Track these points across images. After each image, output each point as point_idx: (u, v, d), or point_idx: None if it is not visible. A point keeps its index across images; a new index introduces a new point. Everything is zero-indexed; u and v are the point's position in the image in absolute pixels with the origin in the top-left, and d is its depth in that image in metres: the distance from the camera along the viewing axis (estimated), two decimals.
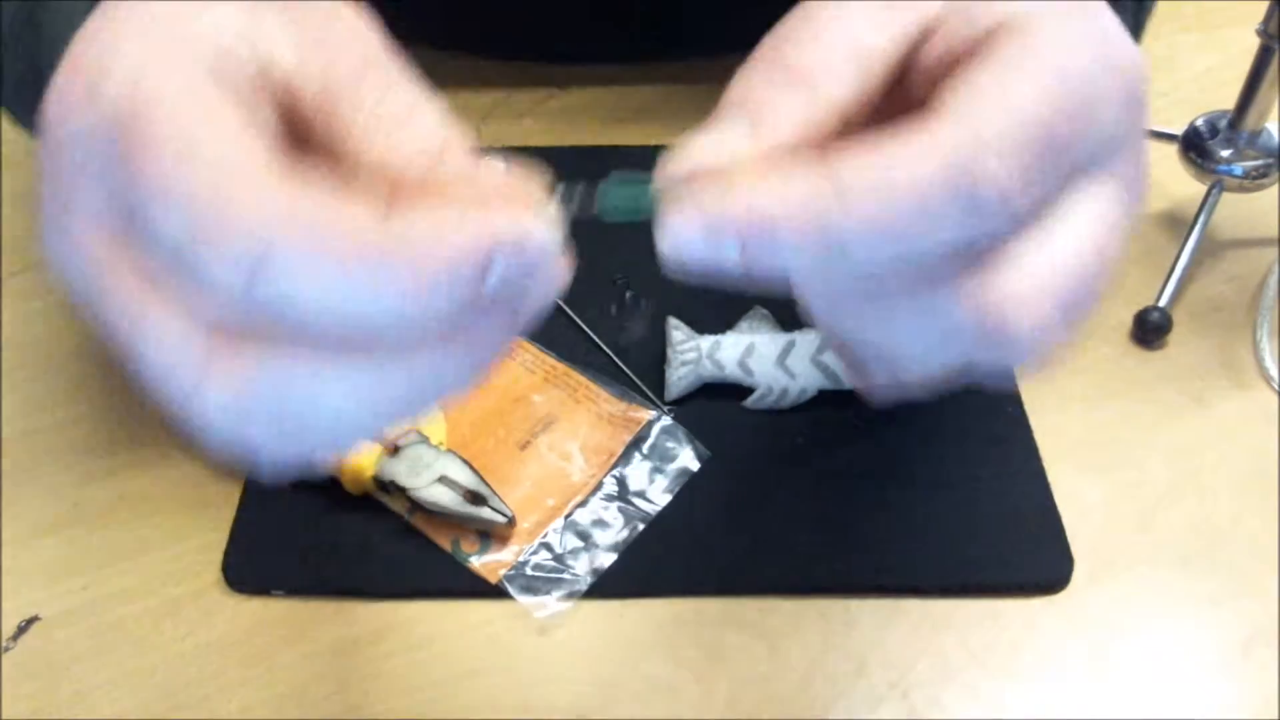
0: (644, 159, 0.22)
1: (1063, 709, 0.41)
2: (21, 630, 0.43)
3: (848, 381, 0.29)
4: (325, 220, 0.21)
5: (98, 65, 0.23)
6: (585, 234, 0.23)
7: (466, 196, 0.22)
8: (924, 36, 0.25)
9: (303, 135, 0.24)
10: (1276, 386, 0.51)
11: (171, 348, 0.23)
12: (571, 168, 0.24)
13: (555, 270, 0.23)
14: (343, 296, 0.21)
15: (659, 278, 0.24)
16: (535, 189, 0.23)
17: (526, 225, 0.21)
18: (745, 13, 0.63)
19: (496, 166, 0.23)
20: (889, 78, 0.24)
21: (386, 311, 0.21)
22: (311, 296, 0.21)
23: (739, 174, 0.22)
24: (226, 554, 0.45)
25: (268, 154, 0.22)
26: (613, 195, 0.23)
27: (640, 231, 0.23)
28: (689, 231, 0.22)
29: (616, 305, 0.53)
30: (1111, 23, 0.24)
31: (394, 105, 0.23)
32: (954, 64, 0.24)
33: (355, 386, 0.22)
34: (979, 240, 0.22)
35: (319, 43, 0.24)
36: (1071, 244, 0.24)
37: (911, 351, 0.25)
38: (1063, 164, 0.23)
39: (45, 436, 0.50)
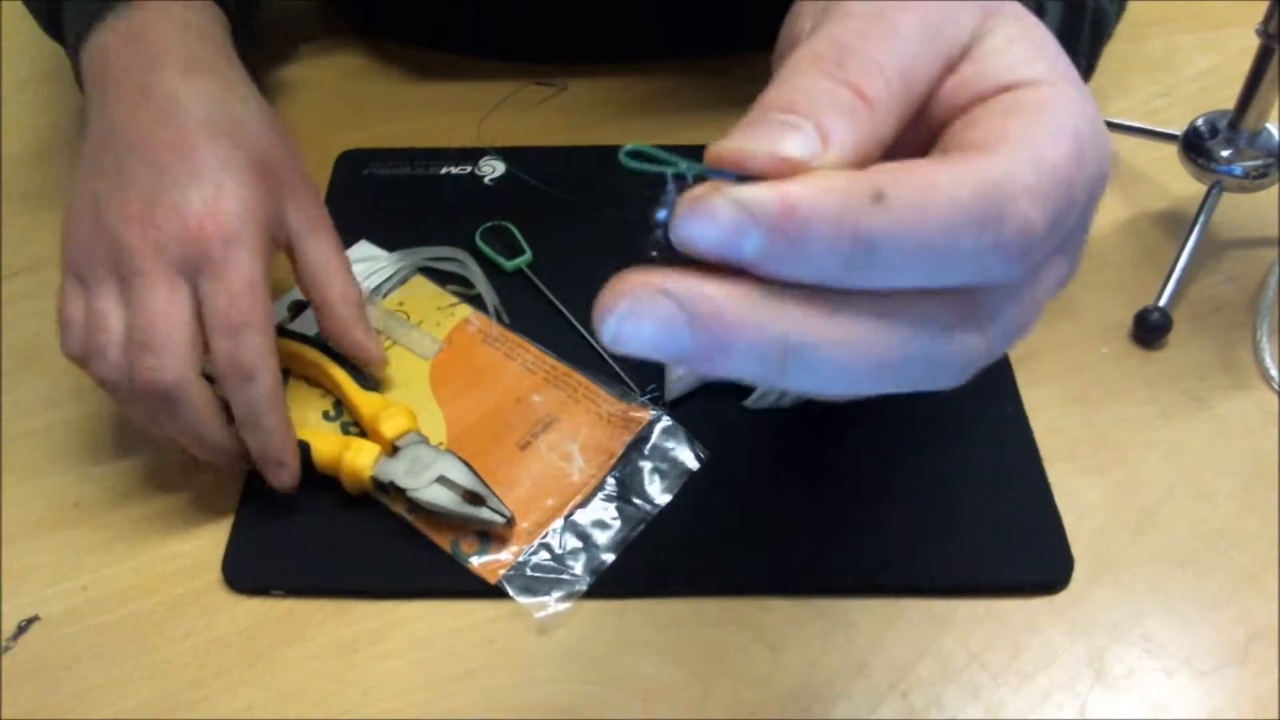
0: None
1: (1063, 709, 0.41)
2: (21, 630, 0.44)
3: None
4: None
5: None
6: (585, 234, 0.23)
7: None
8: (945, 74, 0.26)
9: None
10: (1276, 386, 0.51)
11: None
12: (572, 167, 0.24)
13: None
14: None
15: None
16: None
17: None
18: (747, 12, 0.63)
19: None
20: (919, 107, 0.25)
21: None
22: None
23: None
24: (226, 554, 0.45)
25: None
26: (628, 164, 0.23)
27: (641, 233, 0.23)
28: (714, 211, 0.21)
29: None
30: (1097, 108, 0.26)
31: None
32: (967, 106, 0.25)
33: None
34: (988, 280, 0.23)
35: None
36: (1027, 307, 0.25)
37: (865, 364, 0.24)
38: (1065, 225, 0.24)
39: (45, 436, 0.50)
